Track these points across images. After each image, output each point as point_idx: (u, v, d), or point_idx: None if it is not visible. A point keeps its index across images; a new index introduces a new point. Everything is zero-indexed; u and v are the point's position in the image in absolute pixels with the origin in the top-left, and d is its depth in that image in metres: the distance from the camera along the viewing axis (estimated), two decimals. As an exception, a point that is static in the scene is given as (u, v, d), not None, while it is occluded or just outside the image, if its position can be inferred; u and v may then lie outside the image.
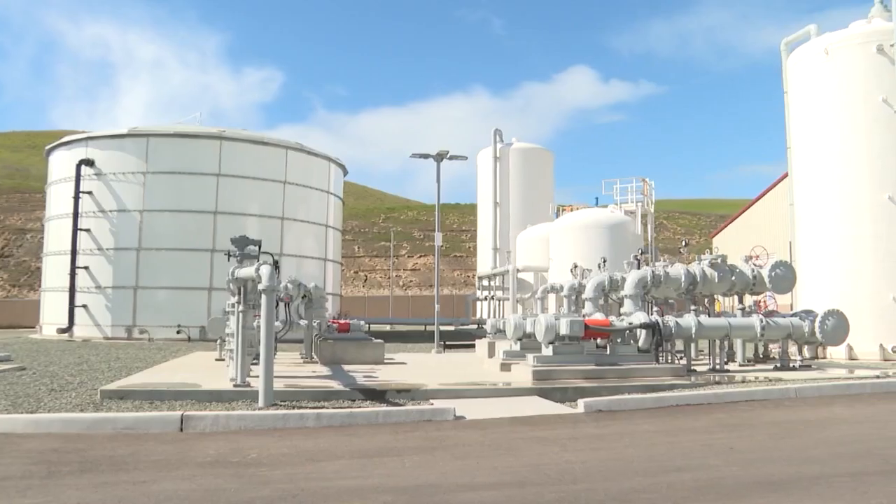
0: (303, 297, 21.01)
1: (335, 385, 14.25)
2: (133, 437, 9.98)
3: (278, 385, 13.06)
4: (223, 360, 19.01)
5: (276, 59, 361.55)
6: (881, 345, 21.60)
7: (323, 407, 11.97)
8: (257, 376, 12.40)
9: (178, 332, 32.54)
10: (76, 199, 34.34)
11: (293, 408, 11.78)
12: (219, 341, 20.48)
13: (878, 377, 16.49)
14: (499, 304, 42.04)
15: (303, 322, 21.09)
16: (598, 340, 16.51)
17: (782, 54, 27.10)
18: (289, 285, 19.62)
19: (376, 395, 13.29)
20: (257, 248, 14.62)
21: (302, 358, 21.13)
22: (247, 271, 13.49)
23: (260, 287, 12.47)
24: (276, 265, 13.61)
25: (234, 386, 13.34)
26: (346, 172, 43.26)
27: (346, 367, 18.32)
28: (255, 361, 14.33)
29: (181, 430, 10.46)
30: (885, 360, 21.10)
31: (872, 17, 24.38)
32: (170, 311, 33.00)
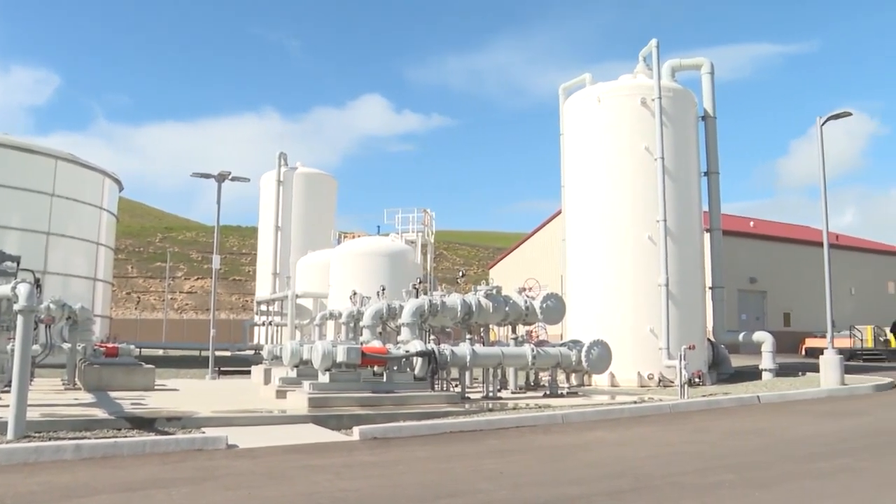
0: (67, 319, 19.83)
1: (99, 413, 13.44)
2: None
3: (33, 414, 12.09)
4: (-30, 386, 17.43)
5: (52, 61, 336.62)
6: (639, 372, 23.19)
7: (84, 437, 11.21)
8: (8, 405, 11.42)
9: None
10: None
11: (49, 439, 10.93)
12: (-34, 366, 18.74)
13: (635, 402, 17.67)
14: (277, 330, 41.35)
15: (66, 346, 19.84)
16: (376, 368, 16.57)
17: (560, 98, 28.77)
18: (51, 305, 18.43)
19: (144, 423, 12.66)
20: (16, 264, 13.59)
21: (64, 384, 19.83)
22: (2, 290, 12.46)
23: (16, 307, 11.54)
24: (37, 283, 12.69)
25: (-20, 416, 12.21)
26: (121, 188, 41.13)
27: (113, 395, 17.37)
28: (6, 389, 13.20)
29: None
30: (642, 387, 22.69)
31: (637, 73, 26.53)
32: None
